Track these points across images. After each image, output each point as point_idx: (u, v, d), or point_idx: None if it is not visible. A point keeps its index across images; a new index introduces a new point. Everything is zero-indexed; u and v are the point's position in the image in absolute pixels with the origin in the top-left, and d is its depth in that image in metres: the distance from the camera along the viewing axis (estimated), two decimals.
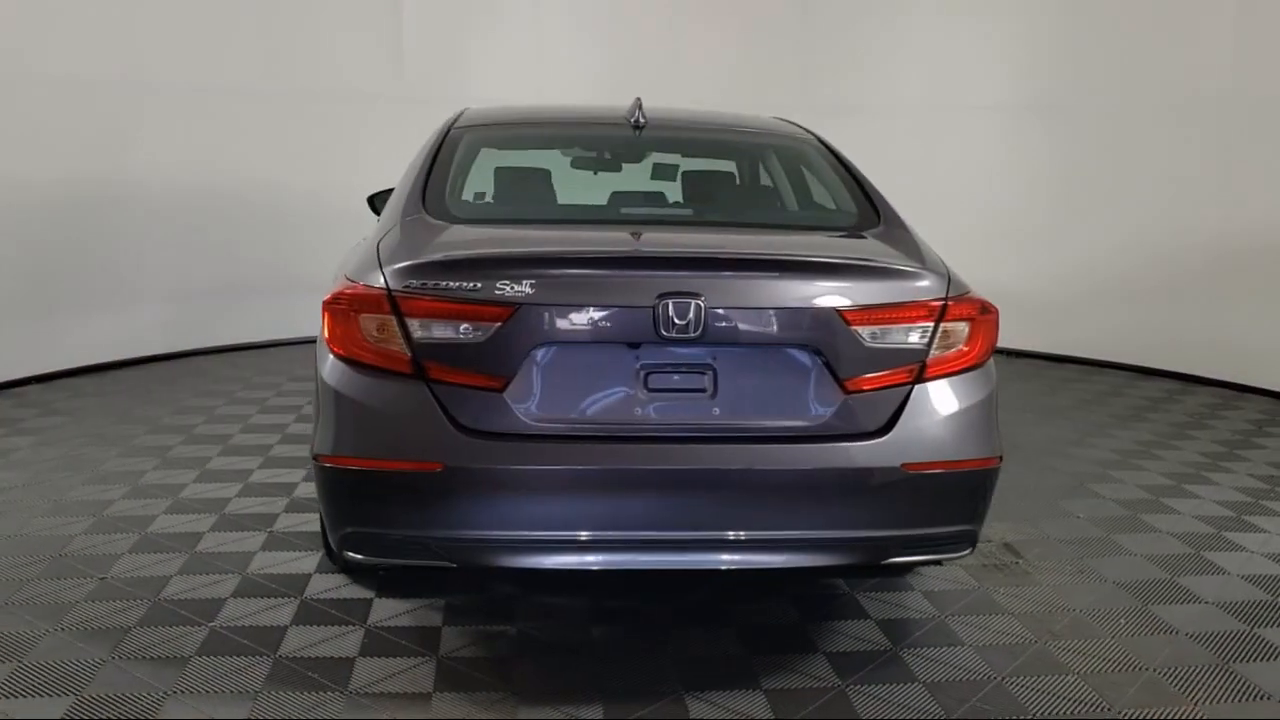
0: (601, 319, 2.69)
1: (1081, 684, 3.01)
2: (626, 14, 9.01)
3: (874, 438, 2.77)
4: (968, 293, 2.89)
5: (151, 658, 3.01)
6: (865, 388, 2.77)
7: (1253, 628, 3.41)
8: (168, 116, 7.48)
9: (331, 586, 3.55)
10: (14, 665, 2.94)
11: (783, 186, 3.63)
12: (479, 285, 2.67)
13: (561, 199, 3.56)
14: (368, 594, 3.50)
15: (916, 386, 2.81)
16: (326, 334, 2.82)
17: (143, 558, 3.75)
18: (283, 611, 3.35)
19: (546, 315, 2.67)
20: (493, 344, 2.68)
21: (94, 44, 7.02)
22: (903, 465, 2.74)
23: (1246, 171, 7.01)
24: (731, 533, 2.74)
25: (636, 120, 3.74)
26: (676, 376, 2.74)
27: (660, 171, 3.85)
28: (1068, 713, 2.85)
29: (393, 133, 8.49)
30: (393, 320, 2.72)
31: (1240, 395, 7.02)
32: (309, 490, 4.53)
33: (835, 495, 2.76)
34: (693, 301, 2.65)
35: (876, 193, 3.44)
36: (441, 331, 2.69)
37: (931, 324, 2.80)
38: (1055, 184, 7.97)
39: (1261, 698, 2.96)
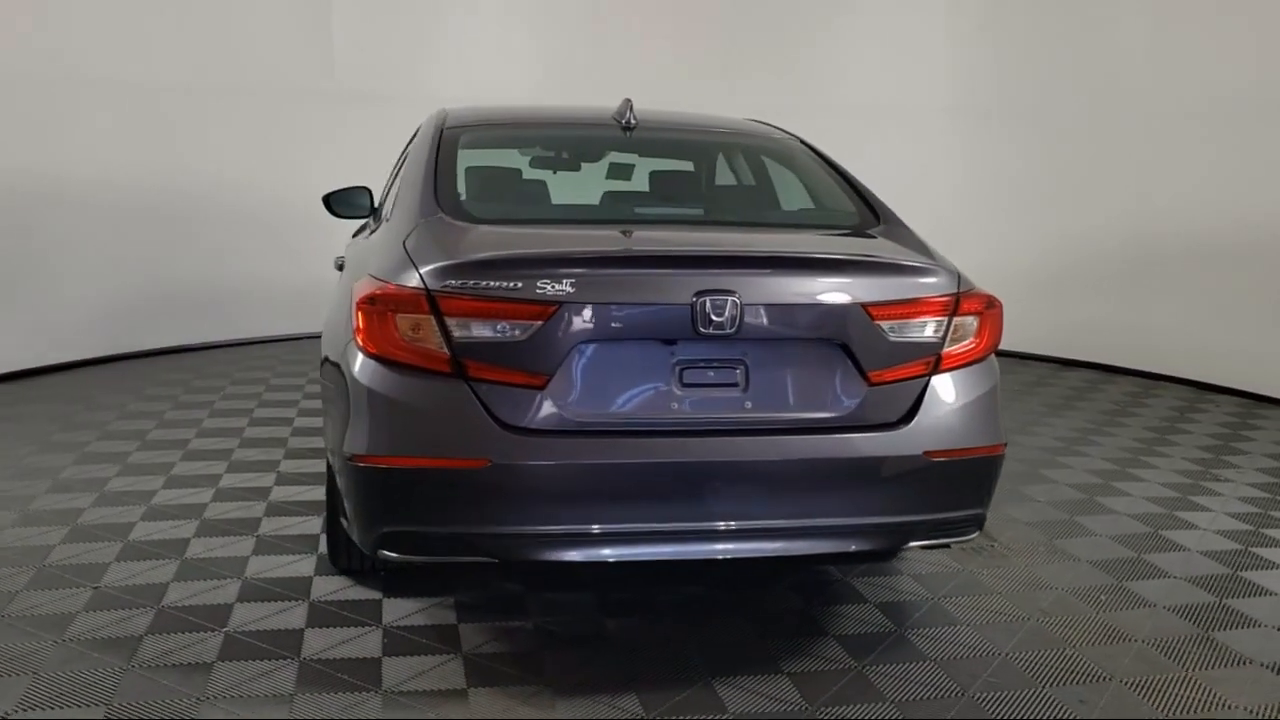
0: (640, 316, 2.75)
1: (1080, 656, 3.19)
2: (561, 10, 9.02)
3: (897, 427, 2.89)
4: (974, 288, 3.03)
5: (173, 665, 2.97)
6: (887, 379, 2.89)
7: (1221, 599, 3.64)
8: (96, 112, 7.26)
9: (336, 589, 3.53)
10: (29, 679, 2.87)
11: (778, 187, 3.73)
12: (520, 285, 2.70)
13: (573, 199, 3.60)
14: (375, 595, 3.49)
15: (933, 378, 2.94)
16: (360, 334, 2.82)
17: (132, 565, 3.67)
18: (294, 614, 3.32)
19: (587, 313, 2.72)
20: (534, 342, 2.71)
21: (20, 35, 6.78)
22: (925, 453, 2.87)
23: (1162, 175, 7.39)
24: (767, 522, 2.83)
25: (627, 121, 3.80)
26: (710, 372, 2.82)
27: (663, 179, 3.89)
28: (1075, 683, 3.02)
29: (325, 130, 8.42)
30: (431, 320, 2.73)
31: (1157, 384, 7.41)
32: (286, 494, 4.49)
33: (863, 483, 2.87)
34: (729, 298, 2.73)
35: (869, 192, 3.57)
36: (482, 330, 2.72)
37: (946, 318, 2.93)
38: (988, 185, 8.28)
39: (1243, 663, 3.18)
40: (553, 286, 2.70)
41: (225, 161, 8.01)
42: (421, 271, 2.77)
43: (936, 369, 2.94)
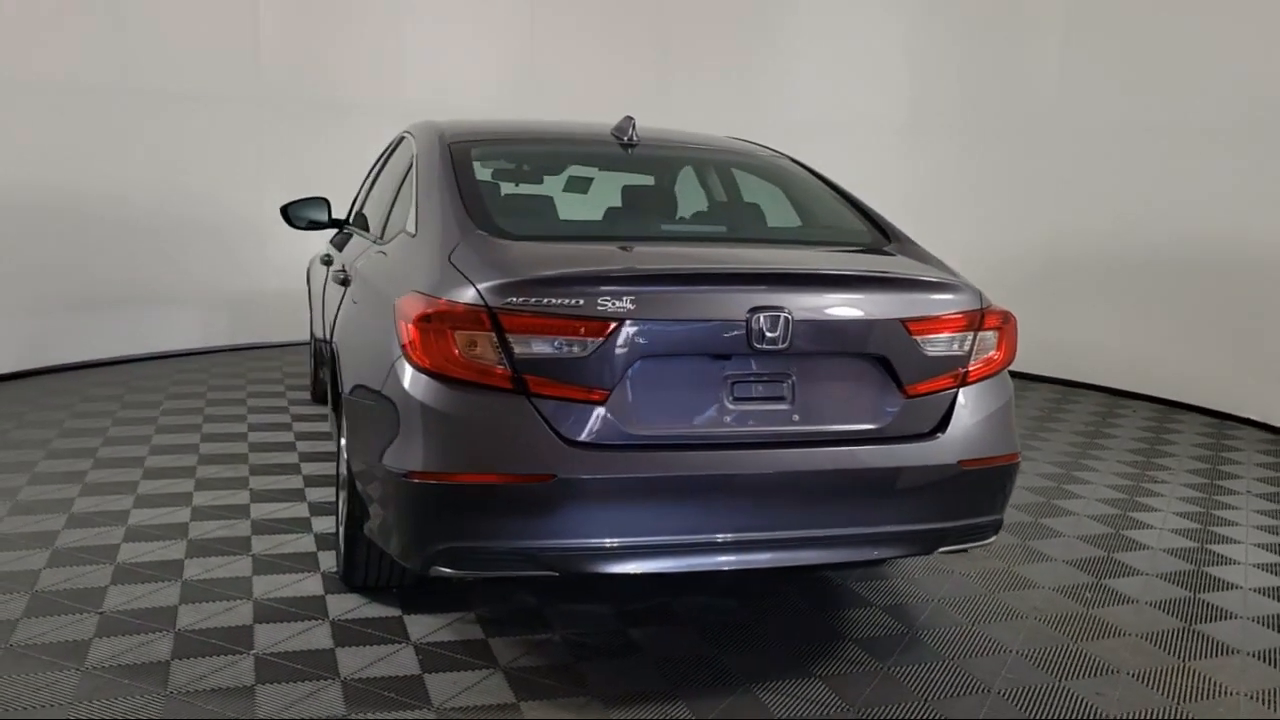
0: (697, 332, 2.82)
1: (1083, 650, 3.38)
2: (499, 18, 8.99)
3: (932, 437, 3.03)
4: (992, 304, 3.20)
5: (211, 690, 2.90)
6: (921, 391, 3.02)
7: (1194, 594, 3.89)
8: (11, 112, 6.93)
9: (353, 607, 3.49)
10: (65, 709, 2.77)
11: (789, 205, 3.84)
12: (581, 301, 2.74)
13: (597, 216, 3.64)
14: (393, 611, 3.46)
15: (961, 390, 3.09)
16: (413, 350, 2.81)
17: (132, 589, 3.56)
18: (318, 634, 3.28)
19: (646, 329, 2.77)
20: (594, 358, 2.75)
21: None
22: (959, 462, 3.02)
23: (1072, 188, 7.80)
24: (814, 531, 2.93)
25: (630, 139, 3.87)
26: (759, 386, 2.91)
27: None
28: (1086, 676, 3.20)
29: (248, 136, 8.22)
30: (492, 336, 2.75)
31: (1074, 390, 7.80)
32: (266, 512, 4.39)
33: (904, 491, 2.99)
34: (781, 314, 2.82)
35: (873, 210, 3.71)
36: (543, 347, 2.75)
37: (973, 333, 3.09)
38: (915, 198, 8.57)
39: (1230, 652, 3.41)
40: (613, 303, 2.75)
41: (151, 165, 7.75)
42: (480, 288, 2.78)
43: (964, 381, 3.09)
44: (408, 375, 2.85)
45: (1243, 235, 6.77)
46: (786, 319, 2.83)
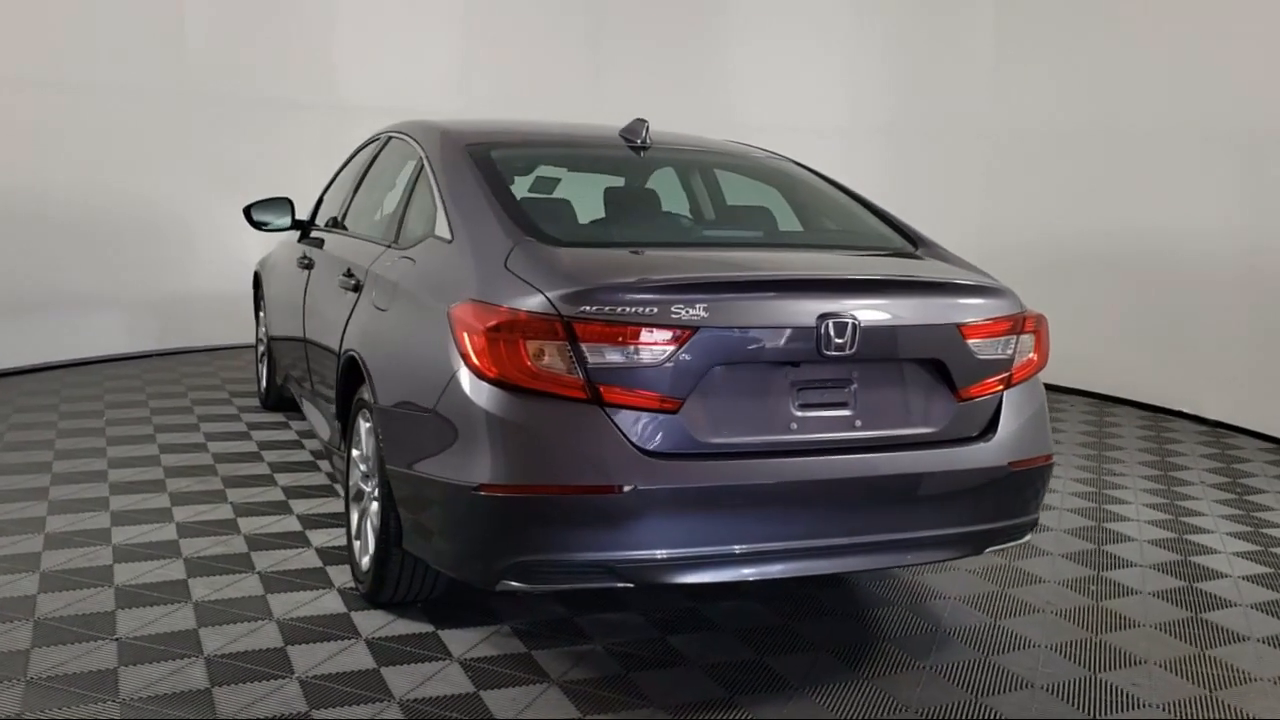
0: (768, 339, 2.82)
1: (1105, 642, 3.49)
2: (426, 9, 8.80)
3: (984, 440, 3.08)
4: (1028, 308, 3.27)
5: (264, 718, 2.77)
6: (972, 395, 3.07)
7: (1190, 583, 4.06)
8: None
9: (383, 624, 3.38)
10: None
11: (812, 209, 3.85)
12: (655, 310, 2.71)
13: (637, 221, 3.59)
14: (425, 627, 3.37)
15: (1006, 392, 3.15)
16: (479, 360, 2.74)
17: (142, 613, 3.38)
18: (357, 654, 3.16)
19: (719, 337, 2.75)
20: (668, 367, 2.72)
21: None
22: (1010, 463, 3.08)
23: (1005, 189, 8.05)
24: (880, 536, 2.95)
25: (643, 142, 3.85)
26: (824, 392, 2.92)
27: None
28: (1117, 667, 3.30)
29: (175, 131, 7.88)
30: (565, 345, 2.69)
31: None
32: (255, 527, 4.22)
33: (960, 493, 3.04)
34: (849, 321, 2.84)
35: (892, 215, 3.76)
36: (618, 356, 2.71)
37: (1015, 336, 3.15)
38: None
39: (1241, 639, 3.57)
40: (687, 311, 2.73)
41: (72, 162, 7.37)
42: (551, 296, 2.72)
43: (1009, 384, 3.15)
44: (473, 386, 2.77)
45: (1174, 232, 7.07)
46: (854, 325, 2.84)
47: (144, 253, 7.87)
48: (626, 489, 2.67)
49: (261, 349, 6.35)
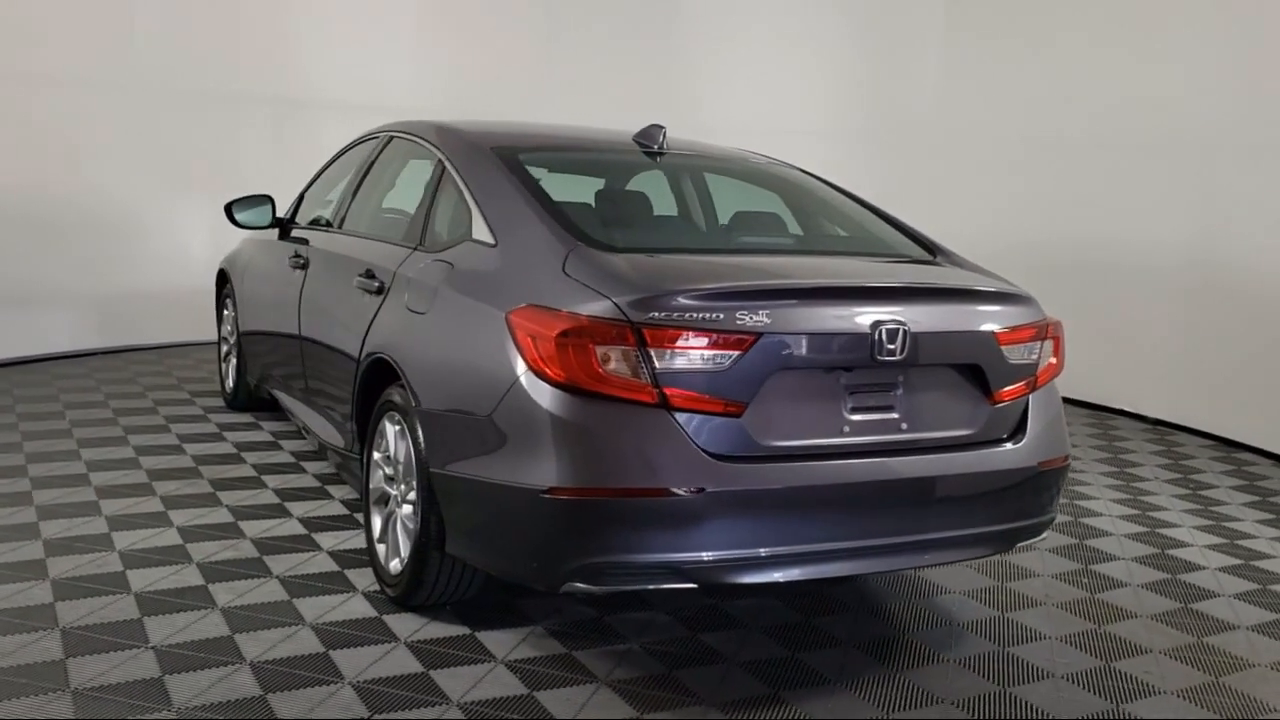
0: (827, 344, 2.91)
1: (1110, 632, 3.66)
2: (373, 6, 8.69)
3: (1014, 441, 3.22)
4: (1047, 315, 3.42)
5: None
6: (1004, 398, 3.21)
7: (1172, 575, 4.28)
8: None
9: (418, 627, 3.38)
10: None
11: (832, 218, 3.94)
12: (722, 315, 2.78)
13: (675, 226, 3.64)
14: (461, 630, 3.38)
15: (1031, 395, 3.30)
16: (547, 365, 2.77)
17: (170, 620, 3.32)
18: (400, 658, 3.16)
19: (781, 342, 2.83)
20: (734, 372, 2.79)
21: None
22: (1038, 463, 3.22)
23: (951, 195, 8.30)
24: (926, 535, 3.06)
25: (660, 147, 3.92)
26: (873, 395, 3.02)
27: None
28: (1128, 656, 3.48)
29: (121, 124, 7.65)
30: (634, 350, 2.74)
31: None
32: (259, 530, 4.16)
33: (995, 492, 3.17)
34: (901, 327, 2.94)
35: (906, 224, 3.88)
36: (685, 361, 2.76)
37: (1040, 341, 3.30)
38: None
39: (1231, 627, 3.78)
40: (752, 317, 2.80)
41: (14, 154, 7.11)
42: (619, 302, 2.77)
43: (1034, 387, 3.30)
44: (539, 390, 2.80)
45: (1113, 238, 7.39)
46: (905, 331, 2.95)
47: (89, 248, 7.63)
48: (697, 492, 2.73)
49: (226, 348, 6.23)
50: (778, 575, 2.91)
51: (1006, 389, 3.21)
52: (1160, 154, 7.01)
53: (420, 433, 3.25)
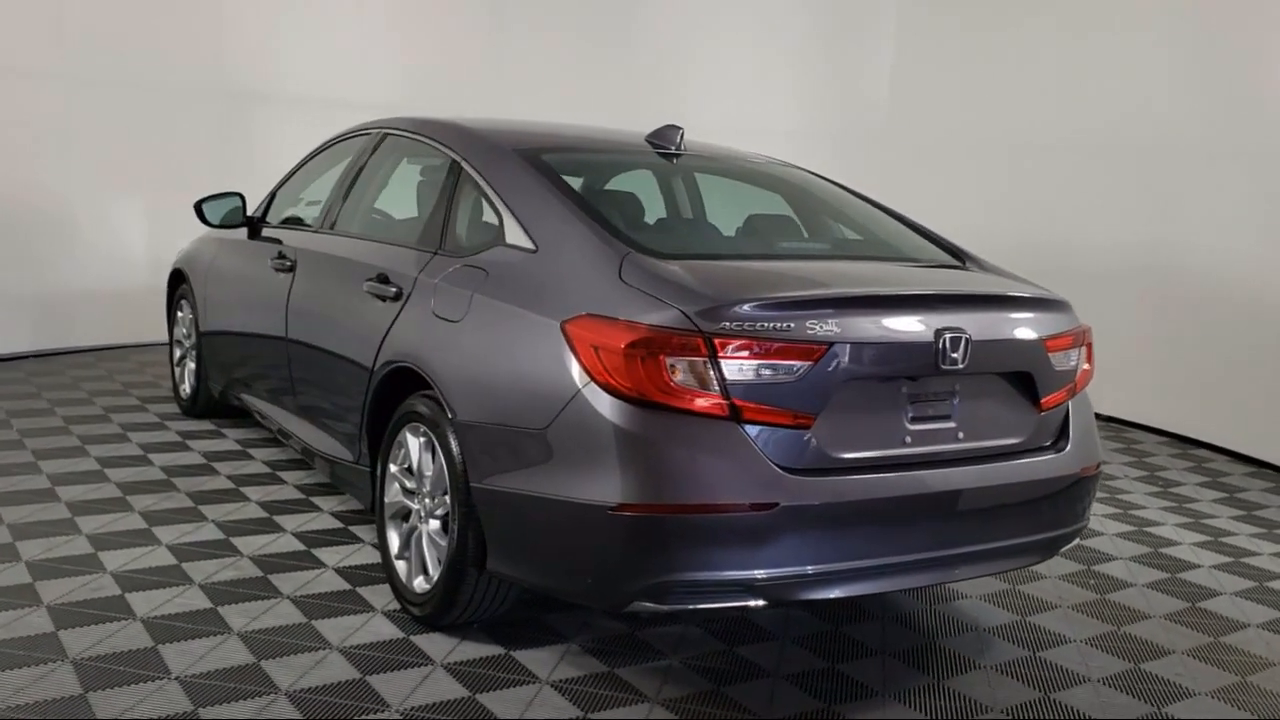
0: (893, 353, 2.86)
1: (1131, 634, 3.71)
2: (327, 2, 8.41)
3: (1059, 449, 3.23)
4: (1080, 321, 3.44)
5: None
6: (1049, 405, 3.21)
7: (1171, 574, 4.36)
8: None
9: (450, 648, 3.25)
10: None
11: (858, 224, 3.89)
12: (792, 325, 2.71)
13: (713, 230, 3.56)
14: (496, 649, 3.26)
15: (1070, 402, 3.31)
16: (613, 377, 2.67)
17: (187, 647, 3.13)
18: (440, 683, 3.03)
19: (851, 352, 2.78)
20: (804, 382, 2.73)
21: None
22: (1081, 469, 3.23)
23: (904, 201, 8.37)
24: (983, 544, 3.05)
25: (678, 149, 3.84)
26: (932, 405, 2.98)
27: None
28: (1152, 657, 3.52)
29: (54, 120, 7.26)
30: (706, 361, 2.66)
31: None
32: (255, 546, 3.97)
33: (1044, 499, 3.17)
34: (963, 336, 2.91)
35: (930, 229, 3.87)
36: (756, 372, 2.69)
37: (1078, 348, 3.31)
38: None
39: (1241, 626, 3.86)
40: (821, 326, 2.74)
41: None
42: (688, 311, 2.69)
43: (1073, 394, 3.31)
44: (603, 403, 2.70)
45: (1068, 241, 7.54)
46: (966, 339, 2.92)
47: (19, 246, 7.23)
48: (770, 506, 2.66)
49: (181, 351, 5.95)
50: (847, 590, 2.86)
51: (1052, 395, 3.21)
52: (1112, 156, 7.17)
53: (456, 445, 3.12)
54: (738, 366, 2.68)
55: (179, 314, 5.97)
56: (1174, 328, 6.88)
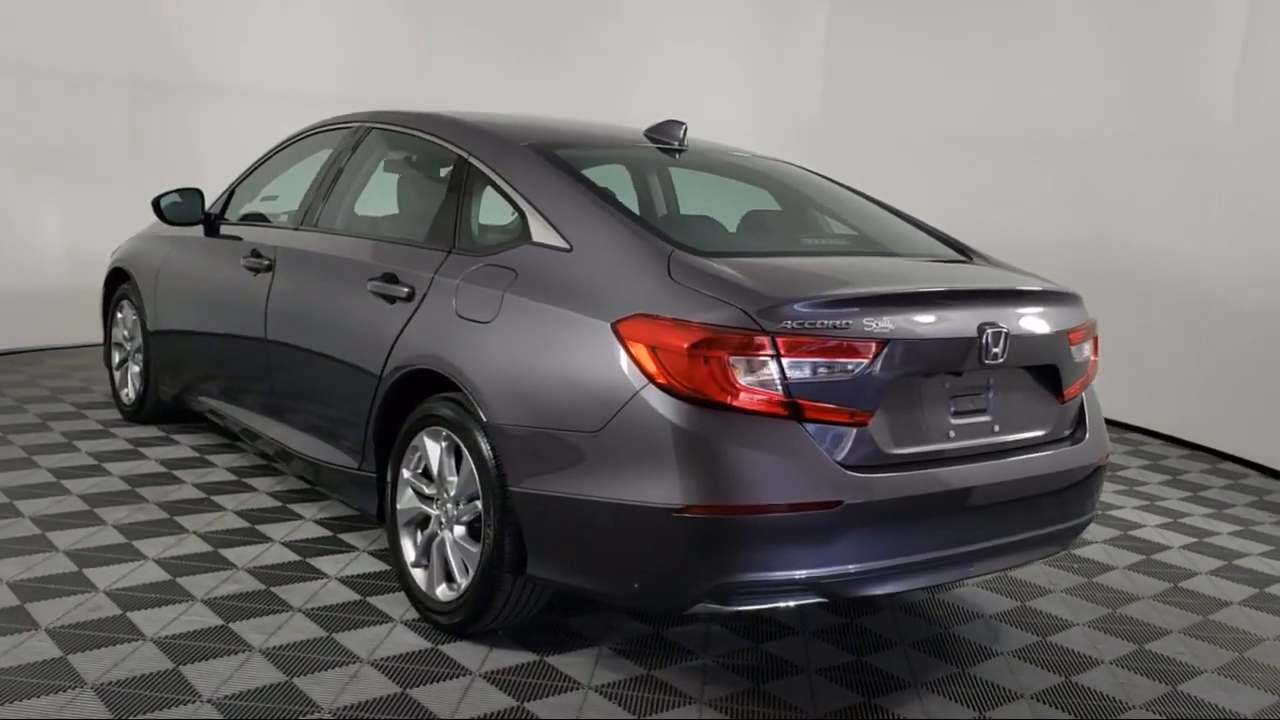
0: (942, 349, 2.90)
1: (1128, 614, 3.84)
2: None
3: (1078, 440, 3.31)
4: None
5: None
6: (1070, 397, 3.29)
7: (1147, 556, 4.53)
8: None
9: (481, 656, 3.18)
10: None
11: (867, 221, 3.91)
12: (849, 323, 2.72)
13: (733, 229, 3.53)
14: (529, 656, 3.21)
15: (1084, 394, 3.40)
16: (675, 378, 2.64)
17: (210, 667, 2.99)
18: (484, 694, 2.96)
19: (904, 349, 2.80)
20: (861, 380, 2.74)
21: None
22: (1098, 460, 3.33)
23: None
24: (1019, 535, 3.12)
25: (681, 144, 3.83)
26: (971, 399, 3.03)
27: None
28: (1152, 638, 3.65)
29: None
30: (770, 361, 2.65)
31: None
32: (249, 558, 3.82)
33: (1066, 490, 3.25)
34: (1003, 330, 2.97)
35: (933, 226, 3.93)
36: (816, 370, 2.69)
37: (1090, 340, 3.41)
38: None
39: (1225, 603, 4.03)
40: (878, 324, 2.76)
41: None
42: (748, 310, 2.67)
43: (1086, 386, 3.40)
44: (665, 404, 2.67)
45: (994, 236, 7.74)
46: (1006, 334, 2.97)
47: None
48: (834, 504, 2.67)
49: (121, 355, 5.68)
50: (904, 585, 2.90)
51: (1071, 388, 3.29)
52: (1048, 152, 7.40)
53: (488, 449, 3.04)
54: (799, 365, 2.68)
55: (118, 315, 5.69)
56: (1113, 326, 7.12)
